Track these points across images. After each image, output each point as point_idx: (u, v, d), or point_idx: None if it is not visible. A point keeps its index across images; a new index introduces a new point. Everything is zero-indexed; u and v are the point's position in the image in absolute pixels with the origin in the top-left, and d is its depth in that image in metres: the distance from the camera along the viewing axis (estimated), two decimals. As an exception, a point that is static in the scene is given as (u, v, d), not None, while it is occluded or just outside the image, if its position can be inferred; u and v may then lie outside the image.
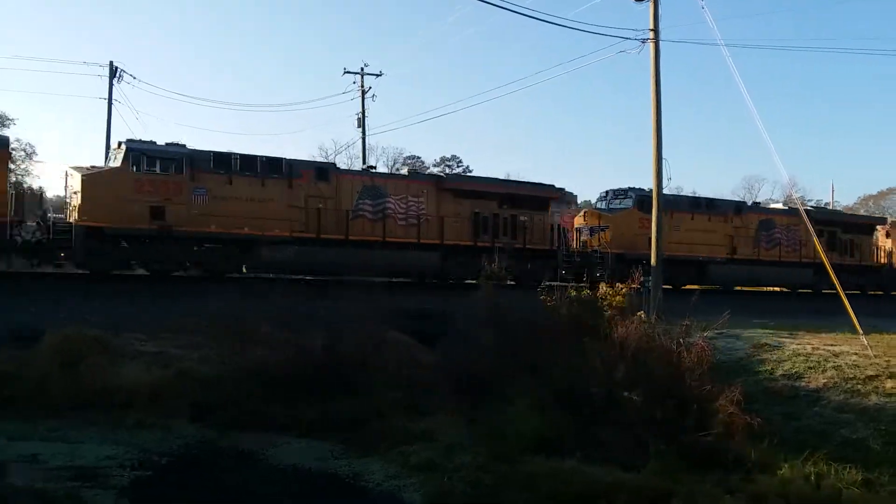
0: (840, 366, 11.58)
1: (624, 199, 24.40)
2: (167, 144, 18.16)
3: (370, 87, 36.79)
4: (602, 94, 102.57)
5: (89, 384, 11.36)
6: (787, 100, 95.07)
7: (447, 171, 52.49)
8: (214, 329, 13.17)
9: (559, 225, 24.36)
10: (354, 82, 36.85)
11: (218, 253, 18.22)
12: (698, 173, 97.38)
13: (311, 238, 18.85)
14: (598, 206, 25.90)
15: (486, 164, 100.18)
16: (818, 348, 12.50)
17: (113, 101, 33.68)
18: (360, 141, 36.85)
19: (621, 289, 14.15)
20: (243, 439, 10.66)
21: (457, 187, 22.07)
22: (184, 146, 18.36)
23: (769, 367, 11.91)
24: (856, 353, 12.10)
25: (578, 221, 25.80)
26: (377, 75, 37.03)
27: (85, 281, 17.40)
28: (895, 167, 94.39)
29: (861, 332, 13.50)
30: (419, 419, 11.24)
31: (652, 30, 17.97)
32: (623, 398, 10.68)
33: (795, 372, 11.59)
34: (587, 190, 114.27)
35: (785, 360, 12.03)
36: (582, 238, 24.27)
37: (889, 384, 10.83)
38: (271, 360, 12.34)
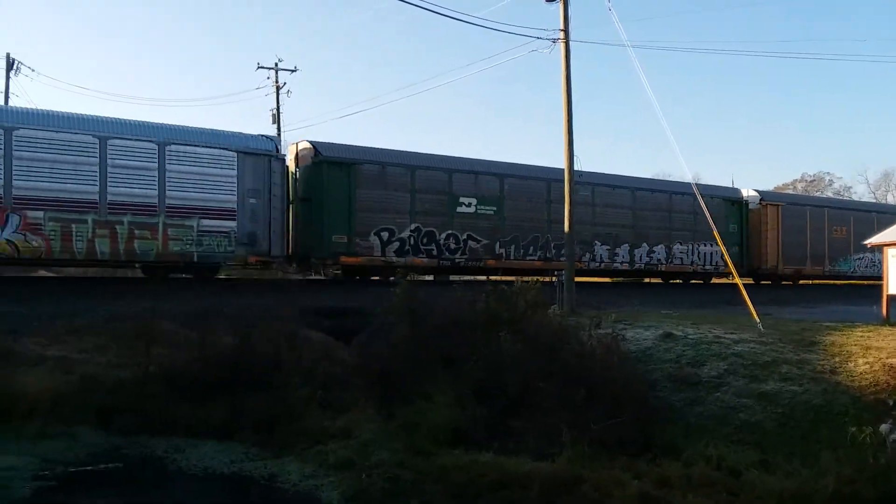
0: (740, 353, 12.15)
1: None
2: None
3: (285, 83, 36.28)
4: (516, 88, 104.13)
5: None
6: (701, 96, 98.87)
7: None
8: (119, 331, 12.74)
9: None
10: (269, 77, 36.27)
11: None
12: (617, 165, 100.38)
13: None
14: None
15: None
16: (720, 336, 13.06)
17: (10, 95, 32.16)
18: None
19: (535, 283, 14.48)
20: (151, 444, 10.37)
21: None
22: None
23: (674, 356, 12.39)
24: (754, 341, 12.73)
25: None
26: (292, 70, 36.55)
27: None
28: (793, 163, 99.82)
29: (759, 320, 14.24)
30: (336, 417, 11.20)
31: (562, 30, 18.36)
32: (537, 389, 10.93)
33: (698, 359, 12.10)
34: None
35: (689, 348, 12.54)
36: None
37: (784, 369, 11.46)
38: (179, 360, 12.04)
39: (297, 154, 20.31)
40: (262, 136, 19.32)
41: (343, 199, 19.61)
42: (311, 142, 20.13)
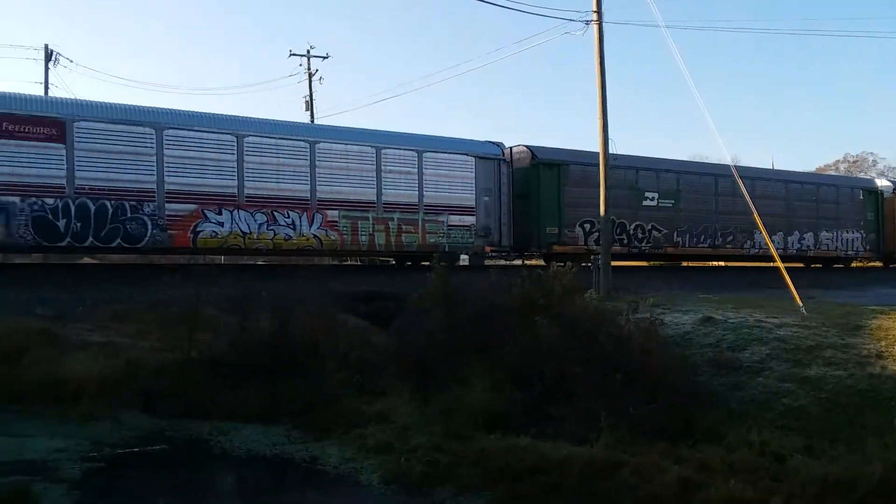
0: (782, 337, 11.95)
1: None
2: None
3: (317, 70, 36.47)
4: (548, 71, 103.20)
5: (34, 377, 11.04)
6: (736, 76, 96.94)
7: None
8: (161, 316, 12.96)
9: None
10: (301, 65, 36.46)
11: None
12: (652, 148, 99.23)
13: None
14: None
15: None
16: (762, 320, 12.85)
17: (49, 86, 32.69)
18: (310, 124, 36.59)
19: (571, 267, 14.37)
20: (195, 427, 10.53)
21: None
22: None
23: (714, 340, 12.23)
24: (797, 325, 12.50)
25: None
26: (324, 57, 36.70)
27: (31, 269, 17.17)
28: (833, 143, 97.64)
29: (801, 304, 13.98)
30: (373, 401, 11.29)
31: (595, 11, 18.11)
32: (574, 375, 10.87)
33: (739, 344, 11.93)
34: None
35: (729, 333, 12.37)
36: None
37: (828, 354, 11.24)
38: (220, 345, 12.21)
39: (512, 156, 22.91)
40: (491, 142, 22.11)
41: (553, 196, 22.59)
42: (527, 146, 23.06)
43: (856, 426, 9.54)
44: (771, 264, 28.58)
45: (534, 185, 22.47)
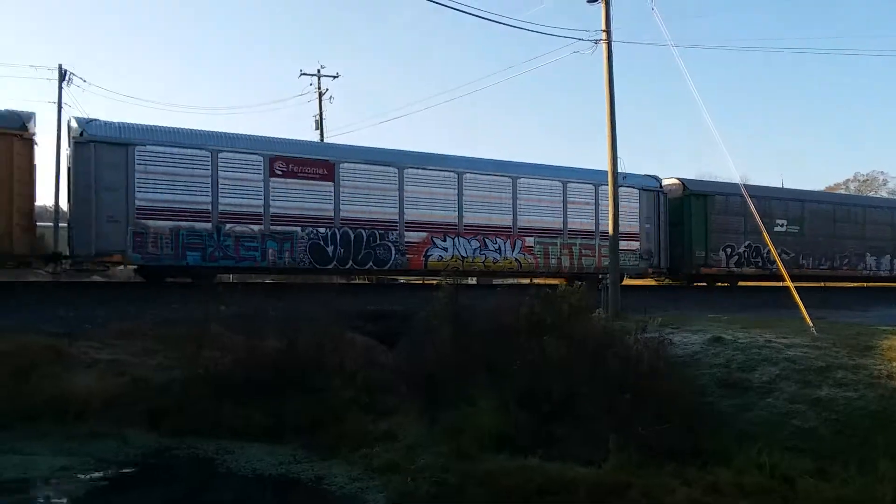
0: (792, 357, 11.84)
1: None
2: None
3: (327, 89, 36.70)
4: (557, 91, 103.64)
5: (41, 394, 11.05)
6: (745, 94, 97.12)
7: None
8: (168, 334, 12.96)
9: None
10: (311, 84, 36.70)
11: None
12: (661, 166, 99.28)
13: None
14: None
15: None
16: (771, 341, 12.75)
17: (62, 105, 32.93)
18: (319, 144, 36.78)
19: (579, 286, 14.30)
20: (201, 446, 10.51)
21: None
22: None
23: (723, 360, 12.13)
24: (807, 345, 12.39)
25: None
26: (334, 77, 36.97)
27: (40, 287, 17.27)
28: (843, 161, 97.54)
29: (812, 324, 13.86)
30: (379, 420, 11.23)
31: (604, 31, 18.15)
32: (582, 395, 10.79)
33: (749, 364, 11.83)
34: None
35: (738, 353, 12.27)
36: None
37: (839, 374, 11.13)
38: (226, 363, 12.19)
39: (663, 187, 25.15)
40: (650, 175, 24.61)
41: (701, 223, 25.09)
42: (679, 178, 25.65)
43: (867, 448, 9.43)
44: (880, 284, 29.97)
45: (686, 213, 24.94)
